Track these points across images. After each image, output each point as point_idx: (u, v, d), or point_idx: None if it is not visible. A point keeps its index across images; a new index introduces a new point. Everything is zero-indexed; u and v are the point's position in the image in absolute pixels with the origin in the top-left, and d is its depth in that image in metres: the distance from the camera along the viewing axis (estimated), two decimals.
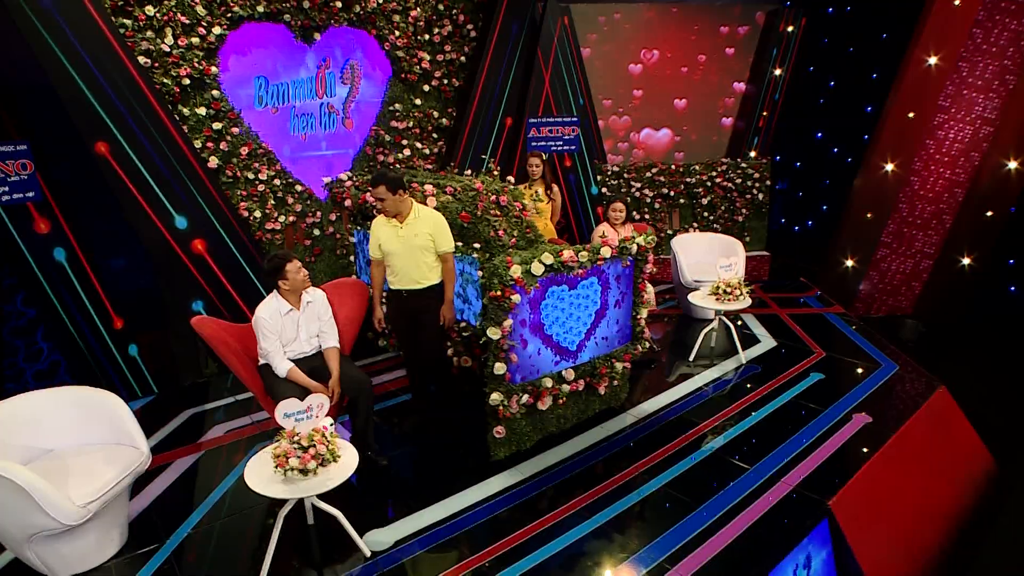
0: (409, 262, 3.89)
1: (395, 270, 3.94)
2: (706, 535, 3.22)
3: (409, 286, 3.94)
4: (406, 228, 3.86)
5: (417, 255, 3.87)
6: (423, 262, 3.90)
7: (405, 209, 3.86)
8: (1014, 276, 7.55)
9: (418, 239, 3.85)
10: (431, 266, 3.93)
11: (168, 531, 3.34)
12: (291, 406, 2.85)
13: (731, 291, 4.90)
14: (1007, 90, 6.48)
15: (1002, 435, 4.81)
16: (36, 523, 2.76)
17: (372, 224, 3.99)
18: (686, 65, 8.22)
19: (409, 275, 3.92)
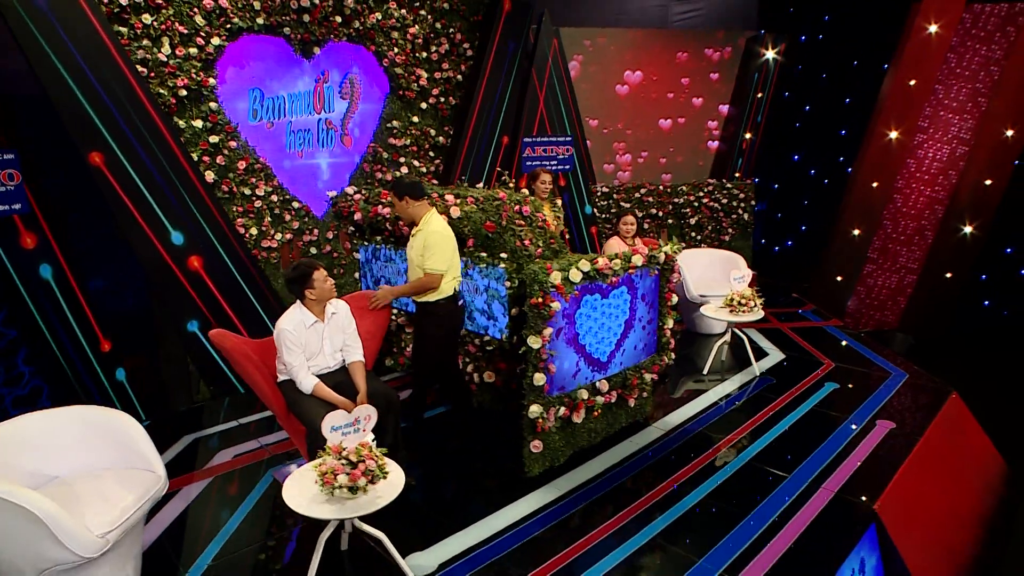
0: (411, 273, 3.91)
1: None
2: (759, 544, 3.13)
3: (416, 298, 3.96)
4: (413, 238, 3.85)
5: (414, 269, 3.85)
6: (415, 276, 3.86)
7: (415, 218, 3.81)
8: (987, 290, 7.86)
9: (412, 251, 3.84)
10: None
11: (186, 563, 3.07)
12: (338, 419, 2.66)
13: (745, 303, 4.91)
14: (980, 112, 6.81)
15: (1011, 439, 4.90)
16: (50, 556, 2.48)
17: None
18: (671, 87, 8.40)
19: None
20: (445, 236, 3.77)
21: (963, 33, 6.61)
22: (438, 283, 3.76)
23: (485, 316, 4.17)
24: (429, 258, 3.72)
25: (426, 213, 3.80)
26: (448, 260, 3.77)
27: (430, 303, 3.84)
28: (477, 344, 4.25)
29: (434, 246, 3.72)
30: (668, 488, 3.62)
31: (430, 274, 3.75)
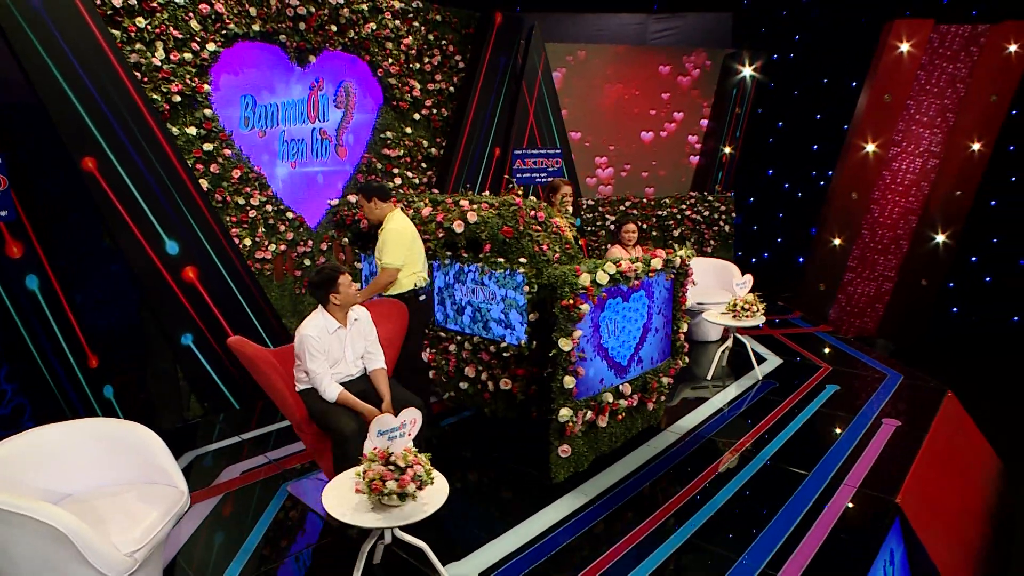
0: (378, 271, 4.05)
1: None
2: (794, 539, 3.14)
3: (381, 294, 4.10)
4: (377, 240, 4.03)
5: (378, 267, 4.01)
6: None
7: (381, 219, 4.02)
8: (954, 298, 8.21)
9: (375, 250, 4.00)
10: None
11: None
12: (386, 423, 2.57)
13: (748, 308, 4.99)
14: (948, 126, 7.15)
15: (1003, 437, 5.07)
16: None
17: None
18: (652, 103, 8.58)
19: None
20: (401, 232, 3.94)
21: (931, 52, 6.96)
22: (394, 277, 3.94)
23: (502, 325, 4.12)
24: (385, 254, 3.91)
25: (389, 213, 4.02)
26: (403, 255, 3.94)
27: (394, 297, 3.98)
28: (492, 351, 4.20)
29: (389, 242, 3.91)
30: (695, 490, 3.61)
31: (385, 269, 3.91)
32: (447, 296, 4.36)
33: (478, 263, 4.12)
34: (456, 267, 4.24)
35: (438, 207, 4.31)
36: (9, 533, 2.22)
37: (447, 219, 4.15)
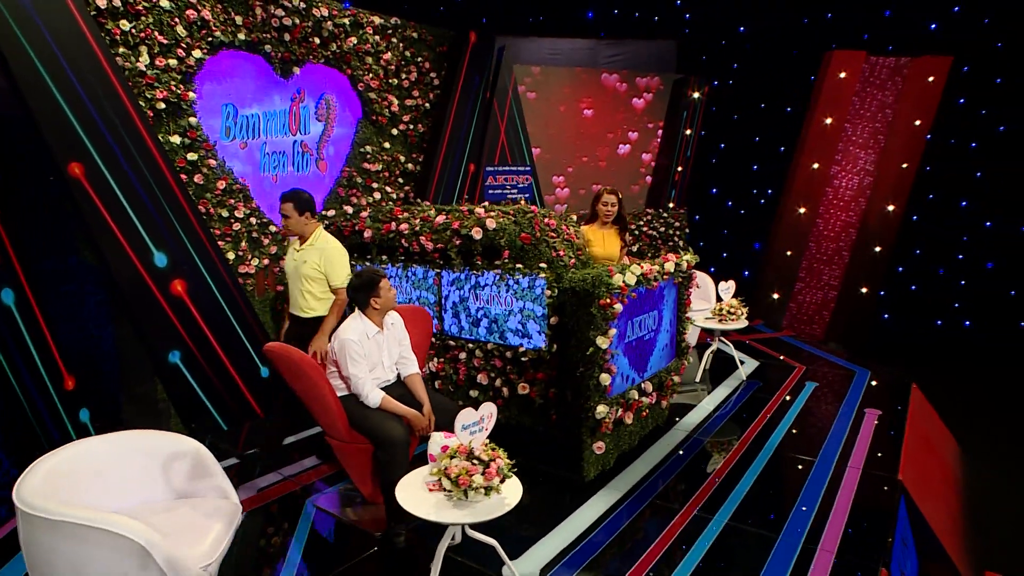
0: (294, 287, 4.00)
1: (287, 293, 4.13)
2: (822, 515, 3.36)
3: (295, 311, 4.06)
4: (300, 253, 3.96)
5: (301, 282, 3.94)
6: (306, 290, 3.95)
7: (308, 233, 3.97)
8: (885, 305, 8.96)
9: (306, 266, 3.90)
10: (316, 296, 3.95)
11: None
12: (467, 417, 2.57)
13: (733, 311, 5.28)
14: (880, 147, 7.89)
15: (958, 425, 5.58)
16: None
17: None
18: (607, 124, 8.94)
19: (295, 300, 4.04)
20: (343, 251, 4.03)
21: (863, 80, 7.69)
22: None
23: (519, 335, 4.16)
24: (333, 274, 3.90)
25: (316, 229, 4.02)
26: (349, 273, 3.95)
27: (322, 317, 3.92)
28: (509, 356, 4.22)
29: (336, 261, 3.93)
30: (717, 480, 3.78)
31: (341, 290, 3.89)
32: (461, 309, 4.36)
33: (494, 270, 4.16)
34: (472, 280, 4.25)
35: (451, 215, 4.33)
36: (84, 550, 2.05)
37: (463, 226, 4.18)
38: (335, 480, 3.82)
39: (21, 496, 2.09)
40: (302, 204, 3.94)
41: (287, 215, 3.92)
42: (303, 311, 4.02)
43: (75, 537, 2.03)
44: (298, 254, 3.98)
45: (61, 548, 2.04)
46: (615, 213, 4.56)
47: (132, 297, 4.35)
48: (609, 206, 4.56)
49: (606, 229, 4.57)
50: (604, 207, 4.57)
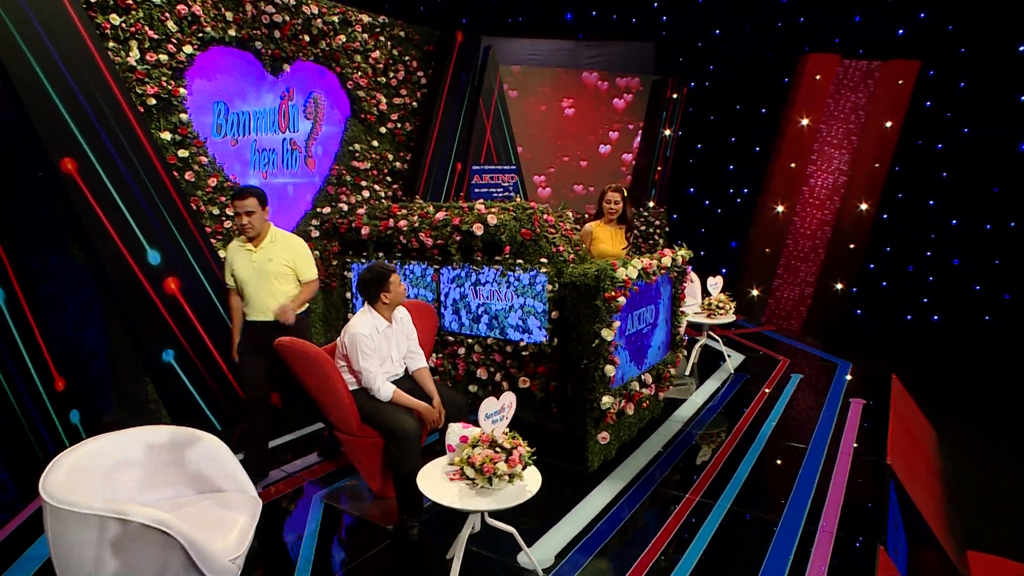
0: (259, 290, 3.63)
1: (248, 299, 3.67)
2: (820, 497, 3.49)
3: (259, 317, 3.65)
4: (260, 253, 3.64)
5: (272, 283, 3.63)
6: (279, 290, 3.65)
7: (265, 230, 3.69)
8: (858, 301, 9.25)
9: (272, 264, 3.63)
10: (289, 295, 3.67)
11: None
12: (490, 406, 2.61)
13: (722, 306, 5.42)
14: (853, 147, 8.16)
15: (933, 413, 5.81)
16: None
17: (228, 247, 3.79)
18: (589, 124, 9.07)
19: (259, 304, 3.64)
20: (306, 244, 3.83)
21: (838, 83, 7.95)
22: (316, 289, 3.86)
23: (519, 331, 4.21)
24: (305, 269, 3.72)
25: (269, 226, 3.74)
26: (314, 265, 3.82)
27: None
28: (509, 351, 4.27)
29: (306, 254, 3.76)
30: (716, 468, 3.88)
31: (313, 282, 3.79)
32: (462, 307, 4.39)
33: (494, 266, 4.20)
34: (473, 276, 4.28)
35: (449, 211, 4.37)
36: (116, 543, 2.04)
37: (464, 222, 4.21)
38: (338, 477, 3.82)
39: (48, 491, 2.07)
40: (264, 198, 3.65)
41: (252, 211, 3.55)
42: (268, 314, 3.63)
43: (107, 531, 2.01)
44: (258, 254, 3.64)
45: (92, 543, 2.02)
46: (620, 211, 4.62)
47: (125, 295, 4.28)
48: (613, 204, 4.62)
49: (613, 227, 4.64)
50: (608, 205, 4.63)
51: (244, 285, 3.66)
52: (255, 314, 3.67)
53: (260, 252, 3.64)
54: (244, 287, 3.66)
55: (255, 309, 3.67)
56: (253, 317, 3.68)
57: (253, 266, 3.62)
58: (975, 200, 8.38)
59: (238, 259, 3.68)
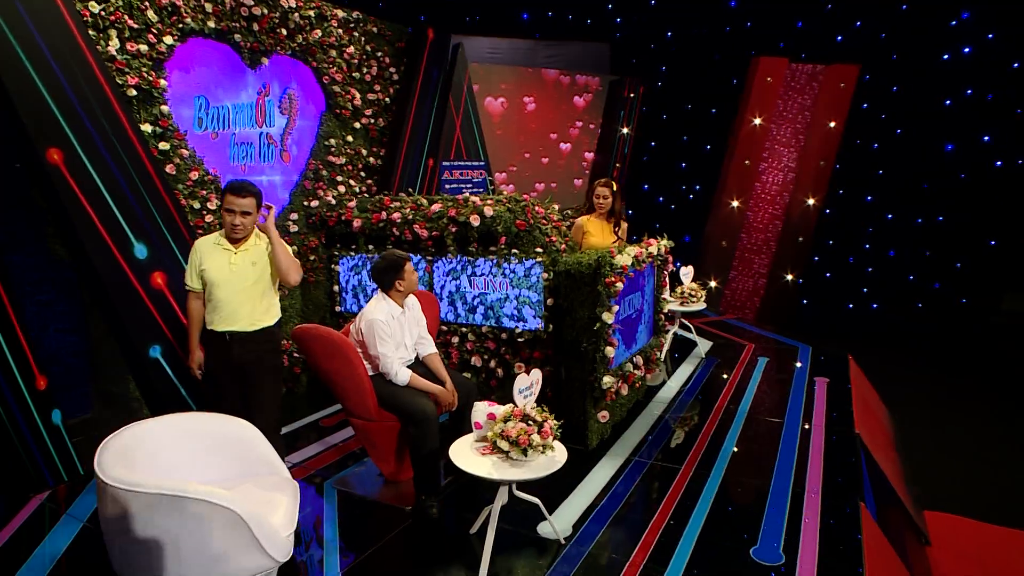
0: (241, 296, 3.21)
1: (219, 306, 3.22)
2: (802, 463, 3.80)
3: (236, 327, 3.21)
4: (242, 254, 3.22)
5: (251, 288, 3.23)
6: (261, 296, 3.27)
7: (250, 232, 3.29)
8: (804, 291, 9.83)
9: (256, 268, 3.24)
10: (271, 302, 3.35)
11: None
12: (522, 382, 2.75)
13: (694, 294, 5.72)
14: (800, 146, 8.68)
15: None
16: (244, 565, 2.20)
17: (196, 244, 3.35)
18: (549, 119, 9.28)
19: (234, 315, 3.22)
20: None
21: (786, 85, 8.44)
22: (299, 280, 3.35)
23: (514, 319, 4.35)
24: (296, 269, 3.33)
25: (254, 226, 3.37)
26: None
27: (271, 328, 3.32)
28: (504, 338, 4.41)
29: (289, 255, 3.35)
30: (705, 441, 4.15)
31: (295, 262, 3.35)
32: (458, 298, 4.50)
33: (489, 256, 4.33)
34: (470, 269, 4.40)
35: (448, 204, 4.47)
36: (180, 522, 2.07)
37: (460, 214, 4.32)
38: (343, 465, 3.87)
39: (109, 475, 2.09)
40: (261, 199, 3.30)
41: (248, 211, 3.15)
42: (254, 324, 3.26)
43: (173, 510, 2.05)
44: (239, 255, 3.23)
45: (156, 522, 2.05)
46: (609, 205, 4.81)
47: (112, 290, 4.18)
48: (602, 199, 4.80)
49: (603, 220, 4.83)
50: (598, 199, 4.81)
51: (215, 289, 3.21)
52: (223, 323, 3.22)
53: (242, 254, 3.23)
54: (215, 291, 3.21)
55: (225, 317, 3.22)
56: (221, 327, 3.22)
57: (231, 268, 3.20)
58: (907, 196, 9.07)
59: (212, 259, 3.23)
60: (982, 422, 6.00)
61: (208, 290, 3.28)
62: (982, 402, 6.49)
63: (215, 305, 3.26)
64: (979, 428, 5.84)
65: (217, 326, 3.27)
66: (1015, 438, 5.68)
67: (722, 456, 3.92)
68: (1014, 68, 8.41)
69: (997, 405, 6.42)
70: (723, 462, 3.84)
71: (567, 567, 2.81)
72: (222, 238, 3.29)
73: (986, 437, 5.67)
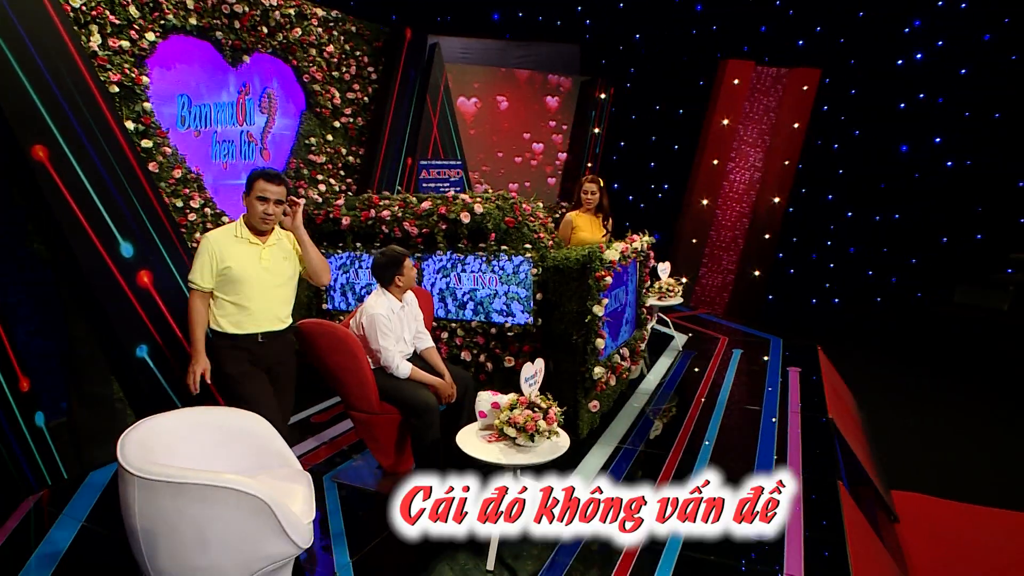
0: (274, 293, 3.04)
1: (248, 305, 2.98)
2: (782, 444, 4.00)
3: (270, 327, 3.04)
4: (271, 249, 3.01)
5: (284, 286, 3.09)
6: (289, 292, 3.14)
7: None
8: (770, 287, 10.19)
9: (288, 263, 3.08)
10: (293, 298, 3.22)
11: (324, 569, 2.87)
12: (528, 371, 2.85)
13: (671, 289, 5.91)
14: (766, 146, 9.00)
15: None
16: (268, 552, 2.24)
17: (210, 239, 2.98)
18: (522, 119, 9.40)
19: (271, 312, 3.04)
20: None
21: (752, 87, 8.75)
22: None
23: (503, 315, 4.45)
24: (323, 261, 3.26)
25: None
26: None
27: (293, 323, 3.22)
28: (493, 333, 4.50)
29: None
30: (689, 427, 4.32)
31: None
32: (448, 295, 4.57)
33: (479, 252, 4.42)
34: (459, 267, 4.47)
35: (438, 201, 4.54)
36: (207, 510, 2.11)
37: (451, 211, 4.40)
38: (339, 460, 3.91)
39: (135, 465, 2.11)
40: (290, 191, 3.10)
41: (281, 200, 2.94)
42: (282, 321, 3.11)
43: (201, 499, 2.09)
44: (268, 250, 3.01)
45: (185, 511, 2.09)
46: (596, 200, 4.93)
47: (98, 289, 4.13)
48: (590, 194, 4.93)
49: (591, 215, 4.95)
50: (585, 195, 4.94)
51: (243, 287, 2.95)
52: (254, 324, 3.00)
53: (271, 248, 3.01)
54: (243, 289, 2.95)
55: (256, 318, 3.00)
56: (251, 328, 2.99)
57: (262, 264, 2.98)
58: (865, 195, 9.49)
59: (237, 255, 2.94)
60: (940, 407, 6.36)
61: (230, 288, 2.95)
62: (939, 388, 6.87)
63: (242, 305, 2.96)
64: (937, 412, 6.20)
65: (246, 327, 2.98)
66: (971, 420, 6.05)
67: (706, 442, 4.10)
68: (962, 74, 8.90)
69: (952, 390, 6.81)
70: (708, 448, 4.01)
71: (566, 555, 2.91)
72: (242, 229, 2.98)
73: (944, 420, 6.02)
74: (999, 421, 6.07)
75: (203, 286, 2.98)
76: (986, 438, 5.68)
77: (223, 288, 2.97)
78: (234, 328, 2.98)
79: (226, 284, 2.96)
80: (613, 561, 2.84)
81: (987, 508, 4.42)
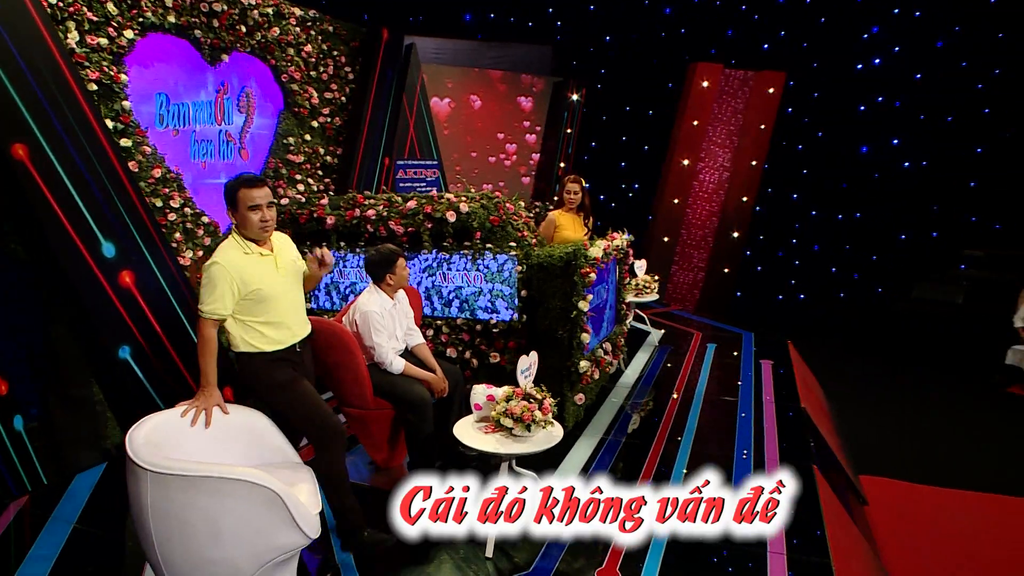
0: (298, 300, 2.94)
1: (282, 320, 2.82)
2: (759, 435, 4.18)
3: (303, 332, 2.94)
4: (281, 255, 2.86)
5: (300, 284, 2.98)
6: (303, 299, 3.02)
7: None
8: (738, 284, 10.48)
9: (299, 264, 2.97)
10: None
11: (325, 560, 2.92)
12: (523, 363, 2.94)
13: (648, 286, 6.07)
14: (734, 146, 9.27)
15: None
16: (279, 543, 2.28)
17: (223, 266, 2.67)
18: (496, 119, 9.49)
19: (299, 319, 2.93)
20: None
21: (721, 89, 9.00)
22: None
23: (488, 312, 4.53)
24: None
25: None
26: None
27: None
28: (478, 329, 4.58)
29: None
30: (670, 419, 4.47)
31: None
32: (434, 293, 4.63)
33: (465, 251, 4.49)
34: (445, 266, 4.54)
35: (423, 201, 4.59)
36: (219, 502, 2.15)
37: (436, 210, 4.46)
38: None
39: (144, 459, 2.14)
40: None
41: (272, 201, 2.80)
42: (307, 322, 3.01)
43: (214, 491, 2.12)
44: (281, 257, 2.85)
45: (197, 504, 2.12)
46: (579, 200, 5.04)
47: (80, 289, 4.08)
48: (572, 194, 5.03)
49: (573, 214, 5.05)
50: (568, 195, 5.04)
51: (273, 304, 2.76)
52: (291, 336, 2.85)
53: (279, 256, 2.84)
54: (273, 307, 2.77)
55: (293, 329, 2.87)
56: (289, 341, 2.84)
57: (280, 274, 2.81)
58: (828, 194, 9.85)
59: (260, 274, 2.73)
60: (902, 395, 6.66)
61: (259, 309, 2.75)
62: (901, 378, 7.19)
63: (275, 322, 2.79)
64: (900, 401, 6.49)
65: (286, 341, 2.84)
66: (931, 408, 6.36)
67: (687, 432, 4.25)
68: (917, 79, 9.31)
69: (913, 380, 7.13)
70: (689, 437, 4.17)
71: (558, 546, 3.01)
72: (247, 244, 2.75)
73: (906, 408, 6.32)
74: (957, 408, 6.39)
75: (220, 313, 2.69)
76: (945, 424, 5.98)
77: (250, 311, 2.74)
78: (274, 345, 2.82)
79: (254, 306, 2.74)
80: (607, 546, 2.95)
81: (949, 489, 4.68)
